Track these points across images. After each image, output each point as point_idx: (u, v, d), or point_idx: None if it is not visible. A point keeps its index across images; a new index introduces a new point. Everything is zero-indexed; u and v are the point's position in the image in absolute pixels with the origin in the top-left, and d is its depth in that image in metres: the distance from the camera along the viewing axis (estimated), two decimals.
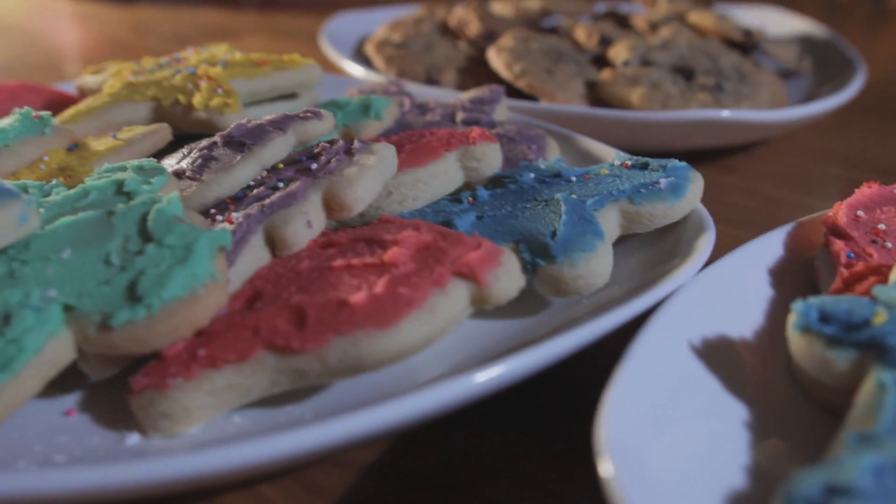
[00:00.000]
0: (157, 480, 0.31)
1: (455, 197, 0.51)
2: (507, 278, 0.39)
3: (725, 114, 0.69)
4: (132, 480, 0.30)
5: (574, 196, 0.47)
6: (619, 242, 0.50)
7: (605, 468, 0.29)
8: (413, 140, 0.53)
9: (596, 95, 0.79)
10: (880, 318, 0.34)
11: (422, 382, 0.39)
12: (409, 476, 0.38)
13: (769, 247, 0.46)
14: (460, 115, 0.63)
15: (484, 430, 0.41)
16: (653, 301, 0.40)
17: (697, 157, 0.77)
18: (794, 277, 0.45)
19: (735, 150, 0.81)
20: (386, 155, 0.46)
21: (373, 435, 0.34)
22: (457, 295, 0.38)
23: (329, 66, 0.94)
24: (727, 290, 0.42)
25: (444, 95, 0.74)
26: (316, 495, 0.37)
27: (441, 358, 0.42)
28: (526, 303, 0.46)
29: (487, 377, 0.35)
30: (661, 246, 0.49)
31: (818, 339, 0.35)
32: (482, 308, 0.40)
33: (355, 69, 0.87)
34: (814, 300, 0.36)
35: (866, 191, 0.49)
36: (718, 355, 0.38)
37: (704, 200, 0.51)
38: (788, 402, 0.38)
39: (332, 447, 0.33)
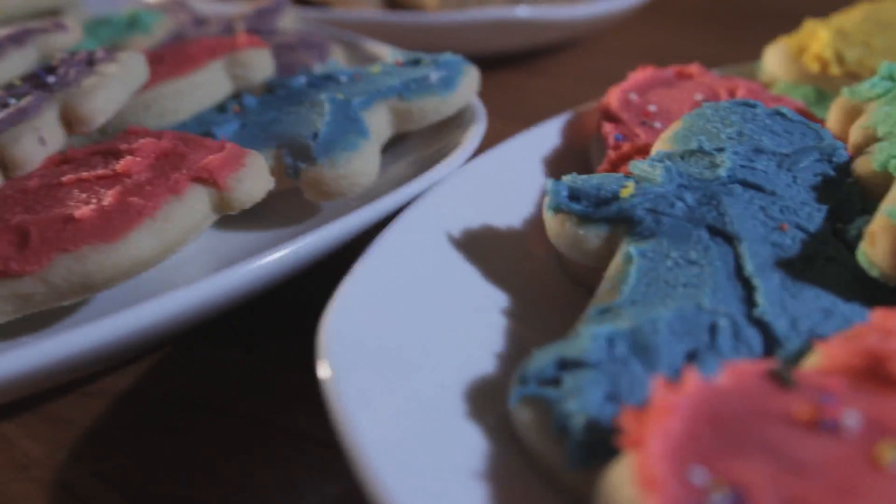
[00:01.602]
0: None
1: (222, 107, 0.48)
2: (251, 180, 0.37)
3: (521, 12, 0.68)
4: None
5: (341, 96, 0.45)
6: (397, 141, 0.48)
7: (323, 369, 0.27)
8: (176, 50, 0.49)
9: (393, 2, 0.77)
10: (627, 190, 0.33)
11: None
12: (165, 398, 0.36)
13: (544, 136, 0.45)
14: (240, 27, 0.60)
15: (245, 344, 0.39)
16: (410, 195, 0.39)
17: (504, 61, 0.76)
18: (570, 165, 0.44)
19: (542, 52, 0.80)
20: (132, 63, 0.43)
21: (99, 350, 0.31)
22: (195, 201, 0.35)
23: None
24: (496, 180, 0.41)
25: (232, 10, 0.71)
26: (62, 428, 0.34)
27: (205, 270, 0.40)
28: (296, 210, 0.44)
29: (222, 281, 0.33)
30: (437, 142, 0.48)
31: (569, 218, 0.34)
32: (233, 215, 0.38)
33: None
34: (566, 178, 0.35)
35: (640, 74, 0.49)
36: (480, 246, 0.37)
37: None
38: (555, 287, 0.37)
39: (51, 368, 0.30)
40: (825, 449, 0.22)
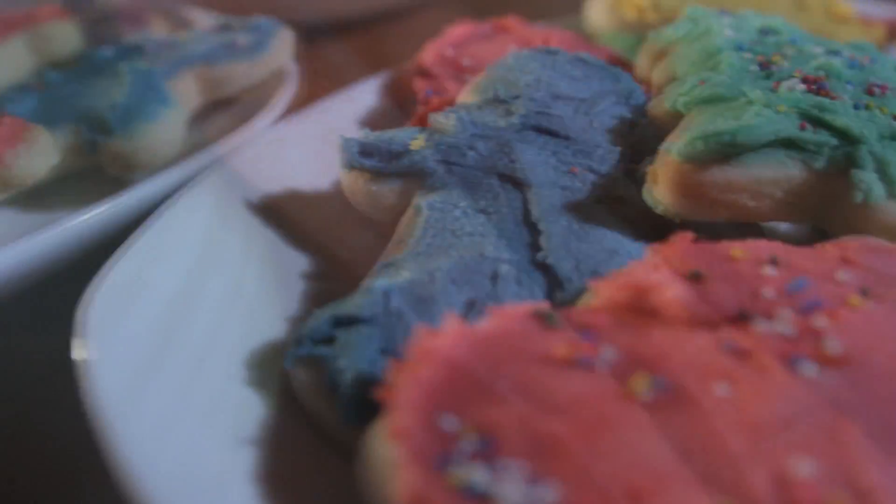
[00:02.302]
0: None
1: (23, 83, 0.46)
2: (31, 156, 0.35)
3: None
4: None
5: (143, 66, 0.43)
6: (219, 106, 0.47)
7: (81, 349, 0.25)
8: None
9: None
10: (417, 143, 0.33)
11: None
12: None
13: (361, 96, 0.44)
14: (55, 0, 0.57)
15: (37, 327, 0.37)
16: (205, 163, 0.37)
17: (350, 26, 0.74)
18: (386, 124, 0.44)
19: (391, 18, 0.79)
20: None
21: None
22: None
23: None
24: (308, 141, 0.40)
25: None
26: None
27: None
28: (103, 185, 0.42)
29: None
30: (252, 108, 0.46)
31: (362, 174, 0.33)
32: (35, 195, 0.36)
33: None
34: (359, 134, 0.34)
35: (458, 30, 0.48)
36: (285, 210, 0.36)
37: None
38: (365, 247, 0.36)
39: None
40: (580, 386, 0.22)
